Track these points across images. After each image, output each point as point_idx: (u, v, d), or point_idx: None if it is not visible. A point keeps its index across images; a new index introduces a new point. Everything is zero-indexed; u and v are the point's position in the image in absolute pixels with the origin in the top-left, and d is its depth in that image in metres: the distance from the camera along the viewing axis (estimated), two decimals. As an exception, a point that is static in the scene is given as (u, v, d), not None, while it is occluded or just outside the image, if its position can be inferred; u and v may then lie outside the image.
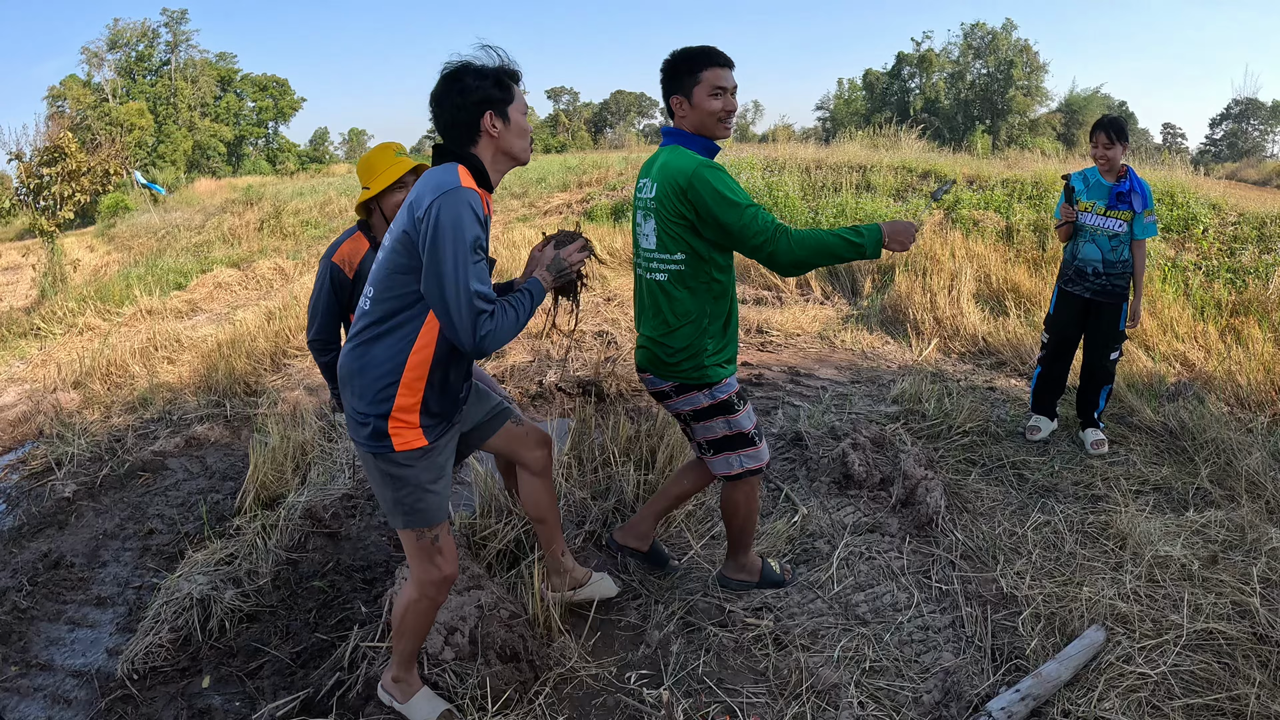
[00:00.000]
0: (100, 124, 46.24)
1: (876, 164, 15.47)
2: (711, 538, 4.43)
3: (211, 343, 8.74)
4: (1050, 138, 47.52)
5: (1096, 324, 5.52)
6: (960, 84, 54.28)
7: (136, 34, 56.85)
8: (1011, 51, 52.63)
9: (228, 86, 62.16)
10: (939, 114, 52.93)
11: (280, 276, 14.17)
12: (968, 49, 54.52)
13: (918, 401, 6.21)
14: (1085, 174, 5.52)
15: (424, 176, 2.76)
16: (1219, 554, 4.04)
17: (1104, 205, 5.33)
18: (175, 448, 6.25)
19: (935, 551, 4.22)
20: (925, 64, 56.02)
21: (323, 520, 4.63)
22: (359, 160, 3.91)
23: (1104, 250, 5.34)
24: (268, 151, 64.44)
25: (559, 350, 7.85)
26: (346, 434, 5.89)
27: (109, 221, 27.54)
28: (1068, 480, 5.09)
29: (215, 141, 57.45)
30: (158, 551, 4.79)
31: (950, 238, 10.73)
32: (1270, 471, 4.97)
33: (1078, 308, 5.53)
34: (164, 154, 52.40)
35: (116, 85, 54.86)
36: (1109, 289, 5.38)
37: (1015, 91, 51.56)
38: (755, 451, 3.51)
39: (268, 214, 21.80)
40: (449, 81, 2.78)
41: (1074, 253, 5.51)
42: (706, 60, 3.22)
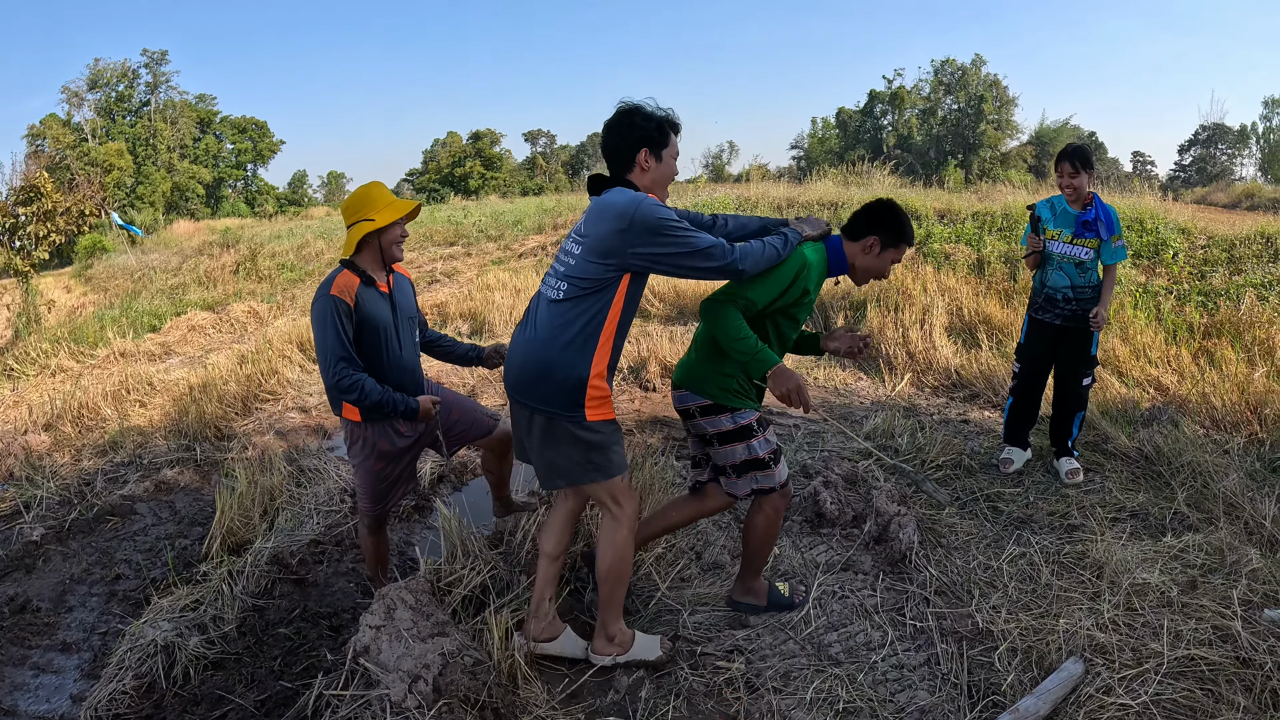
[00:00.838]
0: (79, 164, 46.15)
1: (848, 201, 15.49)
2: (680, 579, 4.38)
3: (183, 386, 8.67)
4: (1022, 170, 47.99)
5: (1067, 350, 5.53)
6: (932, 119, 54.78)
7: (117, 74, 56.79)
8: (981, 86, 53.19)
9: (207, 128, 62.09)
10: (912, 150, 53.42)
11: (254, 320, 14.09)
12: (938, 85, 55.06)
13: (891, 436, 6.19)
14: (1052, 201, 5.56)
15: (606, 199, 3.26)
16: (1198, 578, 4.03)
17: (1070, 233, 5.37)
18: (144, 492, 6.18)
19: (909, 588, 4.19)
20: (897, 101, 56.48)
21: (290, 566, 4.57)
22: (351, 197, 3.85)
23: (1072, 277, 5.37)
24: (246, 194, 64.32)
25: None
26: (312, 480, 5.85)
27: (86, 262, 27.48)
28: (1043, 511, 5.08)
29: (194, 183, 57.27)
30: (124, 597, 4.74)
31: (921, 272, 10.77)
32: (1247, 492, 4.99)
33: (1049, 335, 5.54)
34: (143, 195, 52.17)
35: (96, 125, 54.74)
36: (1079, 314, 5.39)
37: (986, 125, 52.08)
38: (770, 474, 3.64)
39: (244, 257, 21.74)
40: (621, 115, 3.32)
41: (1043, 280, 5.53)
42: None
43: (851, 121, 59.64)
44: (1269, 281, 9.55)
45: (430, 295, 14.46)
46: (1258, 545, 4.47)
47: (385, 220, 3.73)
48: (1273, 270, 9.88)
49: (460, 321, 11.88)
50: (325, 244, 23.17)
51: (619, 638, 3.57)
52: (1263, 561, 4.19)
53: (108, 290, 20.86)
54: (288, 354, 9.80)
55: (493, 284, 13.89)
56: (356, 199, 3.80)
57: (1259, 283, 9.54)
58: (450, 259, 19.99)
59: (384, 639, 3.28)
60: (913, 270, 10.93)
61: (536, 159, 76.24)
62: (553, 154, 79.59)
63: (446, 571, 4.03)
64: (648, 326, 10.46)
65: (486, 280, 14.36)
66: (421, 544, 4.89)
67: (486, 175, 64.31)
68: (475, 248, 20.92)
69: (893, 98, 56.78)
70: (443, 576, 4.00)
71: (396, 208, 3.77)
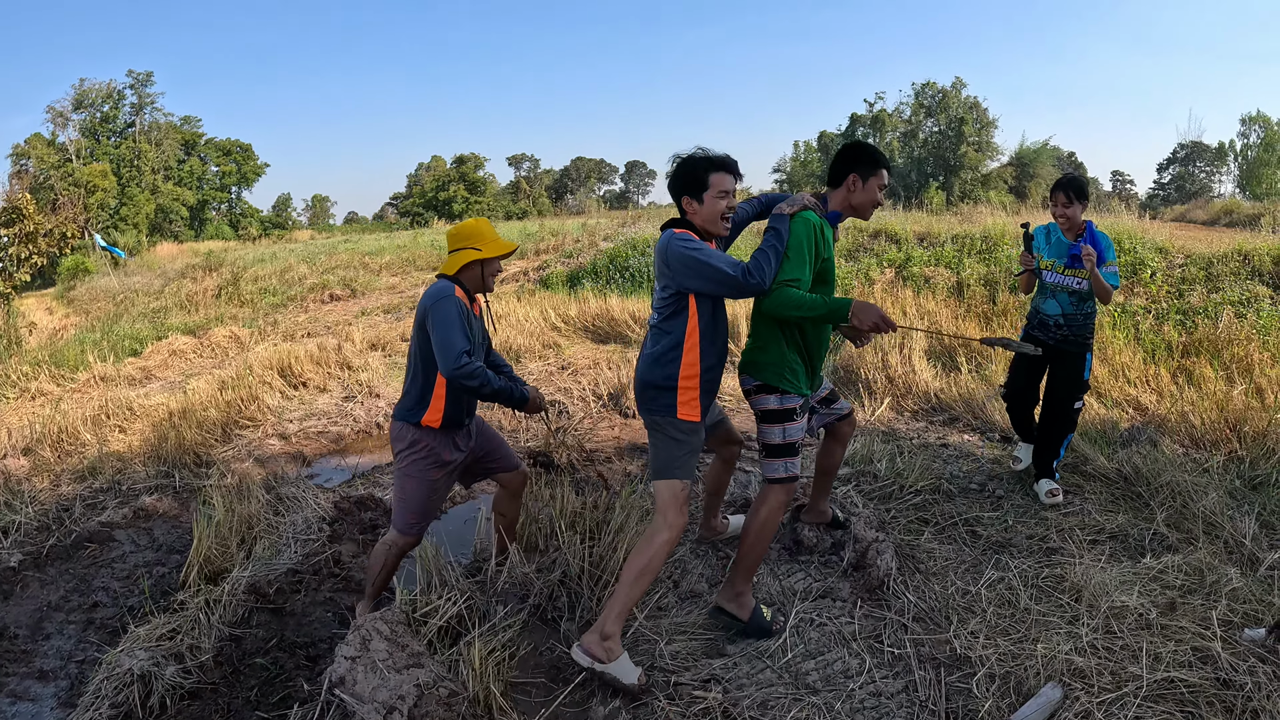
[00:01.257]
0: (63, 184, 45.99)
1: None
2: (658, 608, 4.36)
3: (163, 411, 8.60)
4: (1002, 191, 48.23)
5: (1059, 372, 5.59)
6: (913, 142, 54.92)
7: (102, 95, 56.57)
8: (962, 109, 53.35)
9: (192, 150, 61.93)
10: (893, 172, 53.41)
11: (236, 345, 14.02)
12: (919, 108, 55.22)
13: (869, 462, 6.19)
14: (1048, 229, 5.68)
15: (662, 239, 3.86)
16: (1177, 599, 4.05)
17: (1062, 264, 5.46)
18: (123, 519, 6.11)
19: (887, 615, 4.18)
20: (878, 124, 56.58)
21: (267, 596, 4.53)
22: (461, 226, 4.22)
23: (1064, 305, 5.49)
24: (230, 216, 64.18)
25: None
26: (291, 508, 5.82)
27: (68, 284, 27.38)
28: (1021, 534, 5.07)
29: (178, 205, 57.03)
30: (101, 625, 4.69)
31: (901, 295, 10.81)
32: (1227, 511, 5.01)
33: (1042, 353, 5.54)
34: (126, 216, 51.92)
35: (81, 145, 54.50)
36: (1072, 339, 5.49)
37: (967, 147, 52.21)
38: (794, 461, 4.07)
39: (226, 280, 21.68)
40: (671, 170, 3.92)
41: (1037, 306, 5.67)
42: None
43: (833, 144, 59.65)
44: (1246, 299, 9.66)
45: (410, 323, 14.40)
46: (1237, 564, 4.49)
47: (491, 253, 4.12)
48: (1250, 287, 9.97)
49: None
50: (308, 268, 23.15)
51: (611, 644, 3.67)
52: (1242, 581, 4.21)
53: (89, 312, 20.78)
54: (268, 380, 9.75)
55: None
56: (468, 229, 4.18)
57: (1236, 300, 9.64)
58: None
59: (359, 670, 3.27)
60: (892, 294, 10.98)
61: (520, 183, 76.50)
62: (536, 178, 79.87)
63: (422, 602, 4.00)
64: (628, 353, 10.45)
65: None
66: (398, 573, 4.86)
67: (470, 199, 64.34)
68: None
69: (874, 121, 56.94)
70: (418, 607, 3.97)
71: (502, 245, 4.16)
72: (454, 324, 3.86)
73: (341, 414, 8.72)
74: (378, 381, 9.83)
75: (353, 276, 21.23)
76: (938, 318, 9.97)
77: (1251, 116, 58.95)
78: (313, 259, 25.06)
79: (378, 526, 5.59)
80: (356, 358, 11.02)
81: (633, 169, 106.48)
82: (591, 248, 19.38)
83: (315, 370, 10.32)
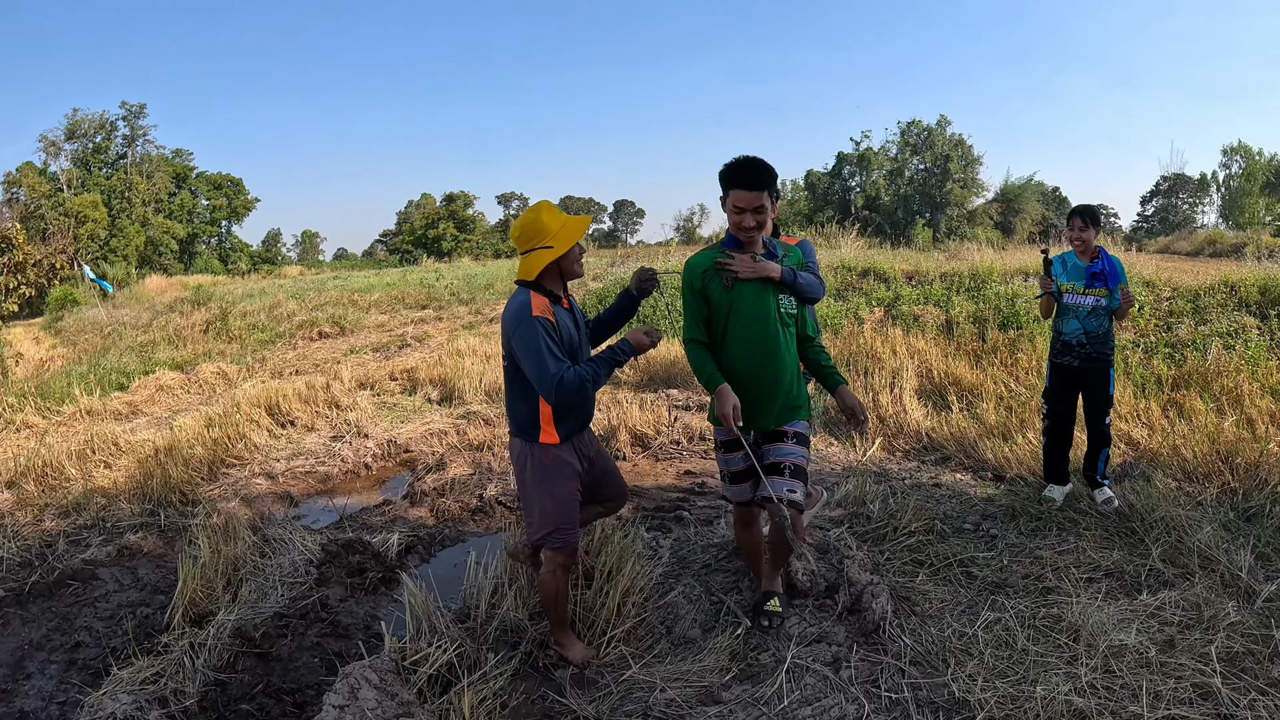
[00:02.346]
0: (54, 214, 46.03)
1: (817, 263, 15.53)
2: (654, 656, 4.31)
3: (149, 448, 8.54)
4: (988, 227, 48.65)
5: (1089, 390, 6.01)
6: (899, 180, 55.25)
7: (95, 125, 56.88)
8: (947, 146, 53.80)
9: (183, 183, 62.18)
10: (880, 210, 53.86)
11: (224, 382, 13.98)
12: (905, 146, 55.63)
13: (862, 504, 6.16)
14: (1064, 258, 6.14)
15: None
16: (1176, 636, 4.04)
17: (1082, 285, 5.92)
18: (107, 557, 6.03)
19: (884, 659, 4.12)
20: (865, 162, 57.05)
21: (253, 640, 4.45)
22: (523, 224, 3.89)
23: (1085, 324, 5.89)
24: (220, 250, 64.33)
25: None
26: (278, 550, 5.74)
27: (56, 314, 27.33)
28: (1017, 574, 5.04)
29: (168, 238, 57.17)
30: (84, 666, 4.60)
31: (891, 335, 10.83)
32: (1222, 544, 5.01)
33: (1069, 376, 6.04)
34: (116, 248, 52.00)
35: (72, 175, 54.65)
36: (1094, 356, 5.89)
37: (953, 184, 52.62)
38: (731, 489, 4.38)
39: (215, 316, 21.63)
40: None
41: (1059, 329, 6.07)
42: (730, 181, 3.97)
43: (820, 183, 60.24)
44: (1234, 330, 9.71)
45: (400, 360, 14.43)
46: (1234, 597, 4.47)
47: (565, 247, 3.84)
48: (1237, 319, 10.02)
49: (430, 388, 11.79)
50: (297, 305, 23.12)
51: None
52: (1240, 614, 4.21)
53: (77, 344, 20.72)
54: (256, 418, 9.69)
55: (463, 349, 13.91)
56: (530, 227, 3.86)
57: (1224, 331, 9.69)
58: (421, 322, 20.02)
59: (348, 719, 3.21)
60: (882, 333, 11.00)
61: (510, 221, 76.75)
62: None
63: (412, 650, 3.94)
64: (618, 394, 10.43)
65: (457, 345, 14.38)
66: (388, 619, 4.79)
67: (459, 237, 64.89)
68: (447, 311, 21.00)
69: (860, 159, 57.45)
70: (408, 655, 3.92)
71: (572, 230, 3.88)
72: (538, 351, 3.68)
73: (329, 454, 8.66)
74: (366, 421, 9.79)
75: (342, 314, 21.19)
76: (927, 356, 9.97)
77: (1233, 147, 60.36)
78: (302, 295, 25.03)
79: (366, 571, 5.51)
80: (345, 397, 10.98)
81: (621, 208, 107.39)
82: (580, 287, 19.40)
83: (303, 409, 10.27)
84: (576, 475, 4.04)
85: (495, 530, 6.57)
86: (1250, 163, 58.96)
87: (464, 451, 8.54)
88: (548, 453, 3.93)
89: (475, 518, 6.83)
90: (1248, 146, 59.52)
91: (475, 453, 8.45)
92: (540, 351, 3.67)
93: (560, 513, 3.98)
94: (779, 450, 4.12)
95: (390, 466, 8.65)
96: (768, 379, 4.08)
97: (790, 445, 4.12)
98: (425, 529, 6.52)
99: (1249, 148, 59.40)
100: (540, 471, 3.95)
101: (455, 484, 7.45)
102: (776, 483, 4.00)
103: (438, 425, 9.54)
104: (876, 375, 9.38)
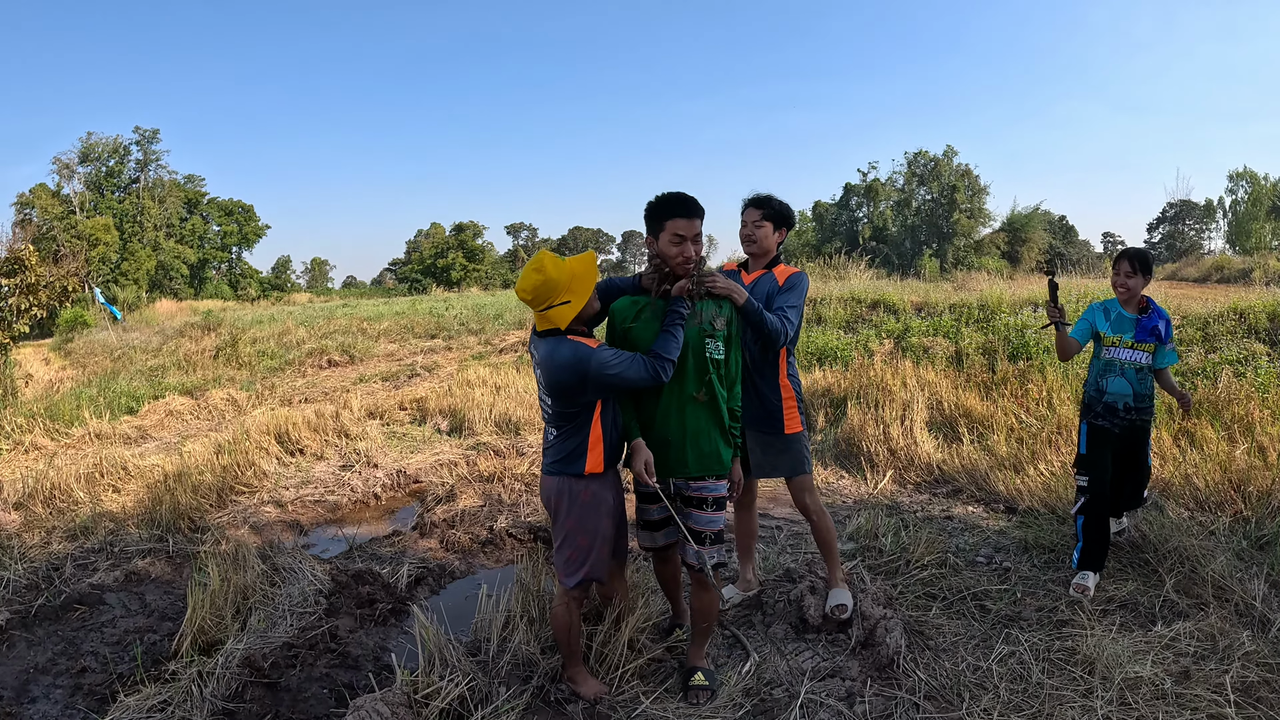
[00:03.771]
0: (66, 236, 46.26)
1: (826, 296, 15.62)
2: (666, 691, 4.27)
3: (158, 473, 8.53)
4: (995, 256, 48.81)
5: (1127, 461, 5.41)
6: (906, 211, 55.69)
7: (108, 149, 57.29)
8: (953, 176, 54.23)
9: (194, 209, 62.52)
10: (887, 241, 54.18)
11: (233, 408, 13.98)
12: (912, 176, 56.15)
13: (874, 537, 6.13)
14: (1106, 305, 5.43)
15: None
16: (1191, 667, 4.02)
17: (1131, 338, 5.25)
18: (114, 581, 6.02)
19: (898, 694, 4.09)
20: (872, 193, 57.58)
21: (262, 670, 4.42)
22: (531, 281, 3.79)
23: (1133, 384, 5.24)
24: (230, 276, 64.62)
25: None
26: (287, 579, 5.72)
27: (66, 335, 27.41)
28: (1030, 607, 5.01)
29: (178, 263, 57.44)
30: (89, 691, 4.55)
31: (901, 367, 10.81)
32: (1236, 573, 4.99)
33: (1110, 441, 5.35)
34: (127, 271, 52.22)
35: (85, 198, 55.00)
36: (1138, 424, 5.32)
37: (959, 214, 52.95)
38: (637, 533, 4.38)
39: (224, 342, 21.65)
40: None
41: (1101, 388, 5.37)
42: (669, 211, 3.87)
43: (828, 215, 60.65)
44: (1244, 357, 9.70)
45: (410, 389, 14.45)
46: (1249, 626, 4.46)
47: (584, 298, 3.80)
48: (1247, 345, 10.01)
49: (440, 418, 11.81)
50: (306, 332, 23.16)
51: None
52: (1254, 643, 4.19)
53: (86, 366, 20.73)
54: (265, 445, 9.70)
55: (473, 380, 13.92)
56: (542, 288, 3.77)
57: (1234, 359, 9.68)
58: (430, 352, 20.03)
59: (358, 754, 3.18)
60: (892, 366, 10.98)
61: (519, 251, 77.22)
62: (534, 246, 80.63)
63: (423, 683, 3.92)
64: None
65: (467, 376, 14.40)
66: (398, 651, 4.76)
67: (469, 267, 65.12)
68: (456, 341, 21.03)
69: (867, 190, 57.90)
70: (419, 688, 3.89)
71: (583, 278, 3.82)
72: (624, 369, 3.73)
73: (339, 483, 8.66)
74: (375, 451, 9.79)
75: (351, 342, 21.22)
76: (938, 388, 9.95)
77: (1239, 172, 60.94)
78: (311, 323, 25.10)
79: (375, 602, 5.49)
80: (354, 425, 10.98)
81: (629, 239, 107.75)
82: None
83: (312, 437, 10.28)
84: (612, 514, 4.03)
85: (506, 563, 6.54)
86: (1256, 188, 59.58)
87: (474, 483, 8.52)
88: (588, 488, 3.92)
89: (485, 550, 6.80)
90: (1253, 172, 60.27)
91: (485, 484, 8.43)
92: (626, 369, 3.73)
93: (595, 552, 3.98)
94: (697, 519, 4.01)
95: (399, 497, 8.64)
96: (689, 427, 4.00)
97: (710, 513, 4.02)
98: (435, 561, 6.49)
99: (1255, 173, 60.11)
100: (579, 509, 3.94)
101: (465, 515, 7.43)
102: (694, 551, 3.97)
103: (447, 456, 9.54)
104: (887, 407, 9.35)
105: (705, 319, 3.94)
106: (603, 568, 4.03)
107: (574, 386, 3.74)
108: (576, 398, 3.79)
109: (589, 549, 3.96)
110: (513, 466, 8.92)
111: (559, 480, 3.94)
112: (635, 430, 3.98)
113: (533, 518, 7.24)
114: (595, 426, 3.86)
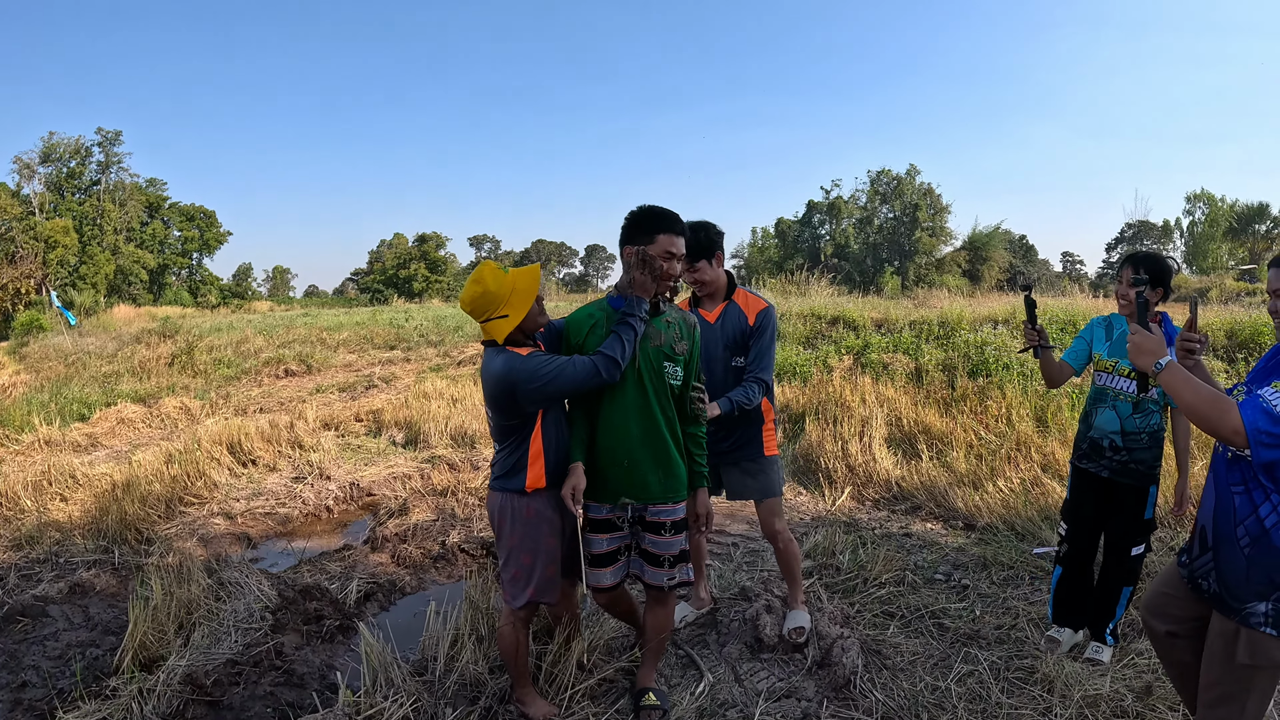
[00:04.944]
0: (24, 237, 45.60)
1: (786, 312, 15.66)
2: (617, 712, 4.21)
3: (107, 482, 8.42)
4: (956, 274, 49.41)
5: (1116, 510, 4.52)
6: (869, 228, 56.31)
7: (70, 150, 56.48)
8: (916, 195, 54.99)
9: (155, 213, 61.81)
10: (849, 258, 54.73)
11: (186, 416, 13.77)
12: (874, 194, 56.85)
13: (832, 554, 6.14)
14: (1109, 321, 4.64)
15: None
16: (1152, 682, 4.05)
17: (1128, 365, 4.31)
18: (59, 593, 5.91)
19: (855, 715, 4.07)
20: (835, 210, 58.20)
21: (204, 687, 4.34)
22: (472, 293, 3.72)
23: (1122, 417, 4.39)
24: (190, 282, 63.92)
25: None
26: (233, 594, 5.64)
27: (21, 340, 26.99)
28: (989, 625, 5.02)
29: (138, 268, 56.70)
30: (29, 707, 4.45)
31: (860, 383, 10.85)
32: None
33: (1096, 488, 4.57)
34: (85, 275, 51.45)
35: (45, 199, 54.20)
36: (1129, 467, 4.41)
37: (921, 233, 53.65)
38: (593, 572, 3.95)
39: (180, 349, 21.38)
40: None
41: (1088, 422, 4.56)
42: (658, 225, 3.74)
43: (790, 231, 61.17)
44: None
45: (366, 400, 14.34)
46: None
47: (522, 314, 3.71)
48: (1204, 363, 10.08)
49: (395, 430, 11.69)
50: (265, 341, 22.94)
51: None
52: None
53: (40, 371, 20.39)
54: (217, 456, 9.56)
55: (430, 392, 13.86)
56: (480, 300, 3.73)
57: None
58: (389, 363, 19.94)
59: (297, 776, 3.12)
60: (851, 381, 11.01)
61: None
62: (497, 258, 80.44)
63: (366, 704, 3.86)
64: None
65: (424, 388, 14.32)
66: (345, 670, 4.69)
67: (431, 278, 65.00)
68: (415, 352, 20.94)
69: (830, 207, 58.47)
70: (362, 709, 3.83)
71: (523, 293, 3.74)
72: (555, 376, 3.62)
73: (290, 495, 8.56)
74: (329, 463, 9.69)
75: (309, 352, 21.01)
76: (897, 404, 9.98)
77: (1196, 194, 62.30)
78: (270, 331, 24.87)
79: (323, 618, 5.41)
80: (309, 437, 10.88)
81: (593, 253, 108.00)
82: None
83: (265, 448, 10.16)
84: (558, 532, 3.91)
85: (457, 579, 6.47)
86: (1213, 209, 61.01)
87: (427, 496, 8.45)
88: (530, 505, 3.83)
89: (437, 565, 6.73)
90: (1211, 194, 61.56)
91: (439, 498, 8.35)
92: (558, 374, 3.61)
93: (540, 572, 3.88)
94: (656, 543, 3.91)
95: (352, 510, 8.54)
96: (651, 449, 3.87)
97: (668, 537, 3.91)
98: (386, 576, 6.41)
99: (1212, 195, 61.44)
100: (522, 526, 3.85)
101: (418, 530, 7.35)
102: (655, 573, 3.91)
103: (402, 469, 9.46)
104: (845, 424, 9.37)
105: (666, 340, 3.84)
106: (551, 589, 3.93)
107: (506, 397, 3.67)
108: (512, 410, 3.72)
109: (532, 567, 3.87)
110: (467, 480, 8.85)
111: (502, 496, 3.86)
112: (578, 452, 3.82)
113: (485, 533, 7.18)
114: (535, 440, 3.77)
